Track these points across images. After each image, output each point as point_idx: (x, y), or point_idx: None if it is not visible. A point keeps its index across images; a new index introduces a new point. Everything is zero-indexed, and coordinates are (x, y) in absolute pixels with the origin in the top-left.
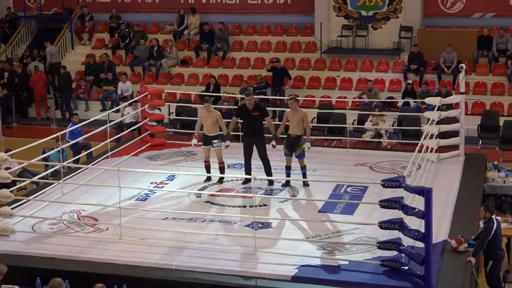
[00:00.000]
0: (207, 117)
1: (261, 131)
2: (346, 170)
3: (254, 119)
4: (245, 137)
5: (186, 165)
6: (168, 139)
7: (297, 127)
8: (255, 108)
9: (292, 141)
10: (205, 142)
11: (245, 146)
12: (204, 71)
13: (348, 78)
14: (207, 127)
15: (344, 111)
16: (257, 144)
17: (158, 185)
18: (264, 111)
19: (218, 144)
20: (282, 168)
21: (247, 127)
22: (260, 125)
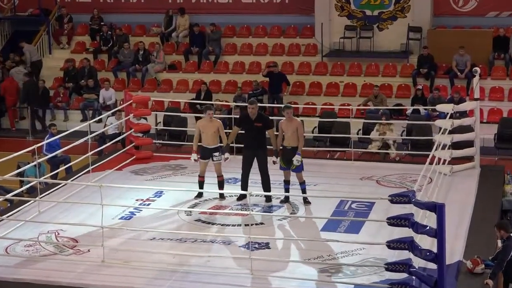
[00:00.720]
0: (207, 126)
1: (263, 143)
2: (351, 185)
3: (256, 130)
4: (246, 149)
5: (175, 180)
6: (155, 151)
7: (292, 138)
8: (258, 118)
9: (288, 153)
10: (203, 155)
11: (245, 159)
12: (194, 76)
13: (352, 84)
14: (207, 138)
15: (347, 119)
16: (258, 157)
17: (144, 202)
18: (267, 122)
19: (219, 158)
20: (280, 182)
21: (249, 138)
22: (262, 137)
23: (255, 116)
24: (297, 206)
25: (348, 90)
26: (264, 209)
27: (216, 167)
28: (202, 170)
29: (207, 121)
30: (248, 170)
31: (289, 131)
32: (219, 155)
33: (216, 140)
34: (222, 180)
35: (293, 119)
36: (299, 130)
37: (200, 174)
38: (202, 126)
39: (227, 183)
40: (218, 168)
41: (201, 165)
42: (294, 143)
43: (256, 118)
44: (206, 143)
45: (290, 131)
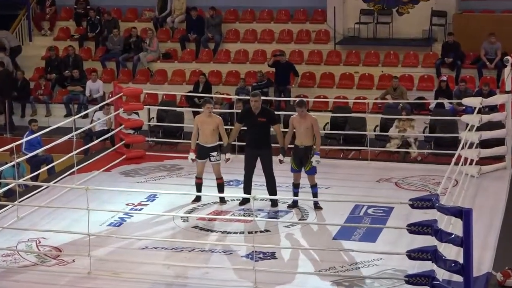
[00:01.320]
0: (206, 123)
1: (267, 141)
2: (367, 188)
3: (260, 126)
4: (248, 148)
5: (170, 182)
6: (148, 150)
7: (305, 136)
8: (262, 113)
9: (300, 153)
10: (201, 154)
11: (247, 159)
12: (192, 66)
13: (368, 75)
14: (205, 135)
15: (363, 115)
16: (262, 157)
17: (135, 207)
18: (272, 116)
19: (217, 158)
20: (288, 185)
21: (251, 135)
22: (267, 134)
23: (259, 110)
24: (306, 211)
25: (364, 82)
26: (270, 215)
27: (215, 168)
28: (200, 171)
29: (205, 116)
30: (251, 171)
31: (302, 127)
32: (217, 155)
33: (215, 138)
34: (221, 182)
35: (307, 115)
36: (315, 127)
37: (197, 175)
38: (201, 122)
39: (228, 185)
40: (216, 170)
41: (198, 165)
42: (308, 142)
43: (260, 112)
44: (203, 141)
45: (303, 127)
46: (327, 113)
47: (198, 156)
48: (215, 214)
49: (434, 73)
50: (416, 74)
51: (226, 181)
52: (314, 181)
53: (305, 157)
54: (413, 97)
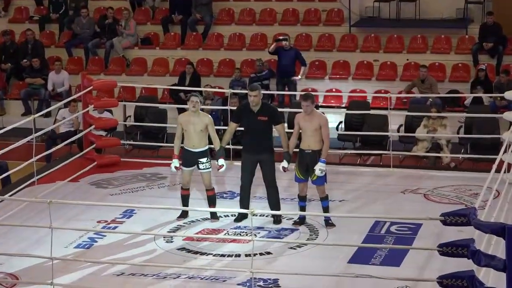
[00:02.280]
0: (192, 122)
1: (269, 144)
2: (389, 200)
3: (259, 126)
4: (246, 153)
5: (150, 194)
6: (124, 156)
7: (313, 139)
8: (262, 110)
9: (307, 159)
10: (187, 161)
11: (244, 166)
12: (177, 54)
13: (390, 64)
14: (191, 138)
15: (385, 112)
16: (262, 163)
17: (108, 225)
18: (274, 115)
19: (207, 165)
20: (293, 198)
21: (250, 137)
22: (268, 135)
23: (258, 107)
24: (316, 229)
25: (385, 72)
26: (272, 234)
27: (205, 177)
28: (186, 181)
29: (191, 115)
30: (250, 180)
31: (309, 129)
32: (207, 161)
33: (204, 141)
34: (213, 194)
35: (314, 113)
36: (323, 130)
37: (183, 186)
38: (186, 121)
39: (221, 198)
40: (207, 179)
41: (184, 174)
42: (315, 146)
43: (260, 110)
44: (189, 145)
45: (310, 129)
46: (341, 110)
47: (183, 164)
48: (205, 233)
49: (470, 61)
50: (448, 62)
51: (218, 192)
52: (324, 192)
53: (312, 163)
54: (444, 91)
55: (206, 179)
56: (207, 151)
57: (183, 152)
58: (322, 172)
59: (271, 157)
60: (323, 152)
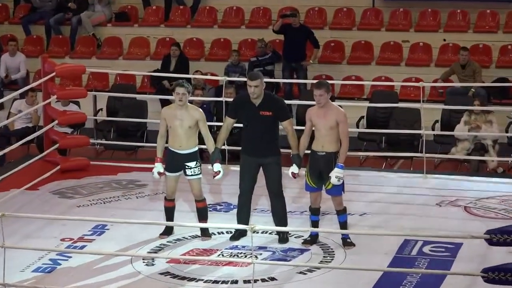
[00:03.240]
0: (179, 117)
1: (273, 145)
2: (422, 214)
3: (262, 123)
4: (246, 155)
5: (127, 206)
6: (94, 158)
7: (328, 138)
8: (265, 103)
9: (320, 163)
10: (172, 165)
11: (243, 171)
12: (159, 32)
13: (423, 45)
14: (177, 137)
15: (416, 105)
16: (266, 168)
17: (75, 244)
18: (280, 108)
19: (197, 170)
20: (303, 210)
21: (250, 136)
22: (272, 134)
23: (261, 100)
24: (331, 250)
25: (417, 56)
26: (277, 255)
27: (194, 186)
28: (171, 190)
29: (177, 108)
30: (250, 189)
31: (323, 126)
32: (196, 166)
33: (193, 140)
34: (204, 206)
35: (330, 106)
36: (341, 127)
37: (167, 196)
38: (171, 116)
39: (215, 210)
40: (196, 188)
41: (169, 182)
42: (331, 147)
43: (262, 103)
44: (175, 146)
45: (325, 126)
46: (362, 103)
47: (167, 168)
48: (194, 254)
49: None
50: (495, 44)
51: (211, 204)
52: (341, 204)
53: (327, 169)
54: (490, 79)
55: (196, 187)
56: (196, 153)
57: (168, 154)
58: (339, 180)
59: (276, 160)
60: (341, 155)
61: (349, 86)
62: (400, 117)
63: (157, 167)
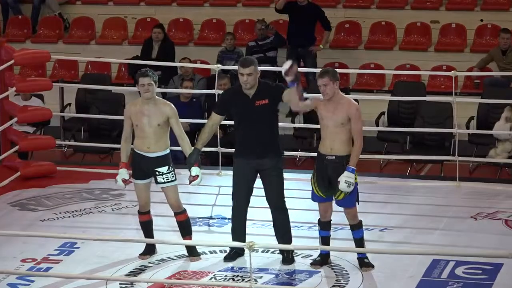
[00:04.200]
0: (145, 114)
1: (274, 143)
2: (454, 229)
3: (259, 116)
4: (241, 158)
5: (100, 220)
6: (61, 163)
7: (338, 138)
8: (260, 92)
9: (329, 169)
10: (139, 170)
11: (238, 177)
12: (139, 12)
13: (456, 26)
14: (145, 137)
15: (448, 98)
16: (264, 174)
17: (39, 265)
18: (276, 89)
19: (170, 176)
20: (311, 226)
21: (245, 134)
22: (272, 128)
23: (255, 90)
24: (346, 272)
25: (449, 39)
26: (280, 278)
27: (168, 195)
28: (143, 201)
29: (144, 103)
30: (246, 199)
31: (331, 122)
32: (168, 171)
33: (164, 141)
34: (185, 219)
35: (340, 99)
36: (353, 124)
37: (140, 208)
38: (136, 113)
39: (206, 226)
40: (172, 197)
41: (138, 191)
42: (341, 149)
43: (257, 93)
44: (143, 148)
45: (333, 122)
46: (383, 96)
47: (135, 175)
48: (181, 277)
49: None
50: None
51: (202, 218)
52: (355, 218)
53: (337, 175)
54: None
55: (171, 197)
56: (168, 156)
57: (133, 159)
58: (349, 185)
59: (276, 163)
60: (352, 157)
61: (366, 76)
62: (428, 113)
63: (121, 173)
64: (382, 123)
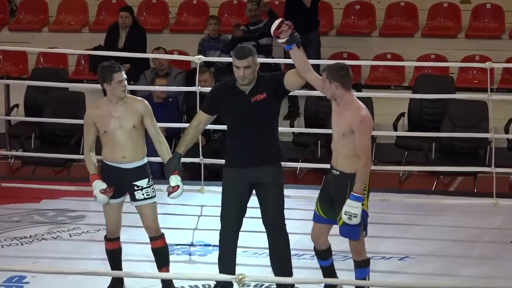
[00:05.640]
0: (114, 117)
1: (272, 148)
2: (492, 257)
3: (255, 115)
4: (232, 167)
5: (55, 247)
6: (6, 178)
7: (343, 150)
8: (258, 87)
9: (331, 186)
10: (111, 186)
11: (227, 194)
12: None
13: (491, 7)
14: (117, 144)
15: (481, 95)
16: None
17: None
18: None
19: (150, 192)
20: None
21: (238, 138)
22: (270, 131)
23: (253, 85)
24: None
25: (482, 23)
26: None
27: (147, 214)
28: (114, 225)
29: (111, 104)
30: (237, 221)
31: (335, 130)
32: (148, 185)
33: (141, 147)
34: (163, 246)
35: (349, 102)
36: (357, 138)
37: (108, 234)
38: (103, 118)
39: (186, 254)
40: (151, 218)
41: (108, 212)
42: (346, 164)
43: (255, 88)
44: (116, 158)
45: (337, 130)
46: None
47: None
48: None
49: None
50: None
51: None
52: (360, 253)
53: (338, 196)
54: None
55: (150, 217)
56: (146, 166)
57: (103, 172)
58: (351, 217)
59: (277, 176)
60: (357, 180)
61: (382, 69)
62: (458, 114)
63: (97, 185)
64: (402, 126)
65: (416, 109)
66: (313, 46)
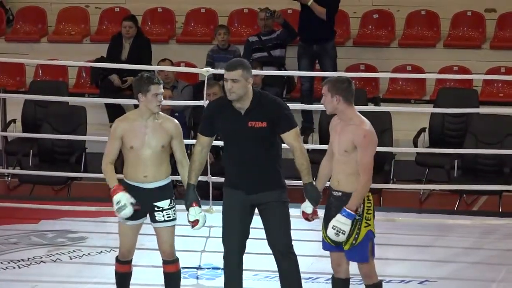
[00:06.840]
0: (144, 133)
1: (274, 173)
2: None
3: (253, 141)
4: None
5: (55, 272)
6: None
7: (343, 169)
8: (255, 108)
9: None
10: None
11: (229, 217)
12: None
13: None
14: (142, 163)
15: (508, 109)
16: (264, 210)
17: None
18: (279, 114)
19: (172, 214)
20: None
21: (236, 160)
22: (271, 156)
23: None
24: None
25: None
26: None
27: (165, 237)
28: (128, 248)
29: (142, 118)
30: (240, 245)
31: (336, 147)
32: (170, 206)
33: (165, 167)
34: (176, 271)
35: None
36: (359, 154)
37: (120, 256)
38: (132, 131)
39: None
40: (168, 241)
41: (124, 234)
42: (347, 184)
43: (251, 109)
44: (138, 177)
45: (337, 147)
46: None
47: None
48: None
49: None
50: None
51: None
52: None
53: None
54: None
55: (167, 240)
56: (170, 186)
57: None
58: (339, 233)
59: (281, 194)
60: (353, 197)
61: (401, 82)
62: (482, 129)
63: (126, 196)
64: (422, 143)
65: (437, 124)
66: (329, 58)
